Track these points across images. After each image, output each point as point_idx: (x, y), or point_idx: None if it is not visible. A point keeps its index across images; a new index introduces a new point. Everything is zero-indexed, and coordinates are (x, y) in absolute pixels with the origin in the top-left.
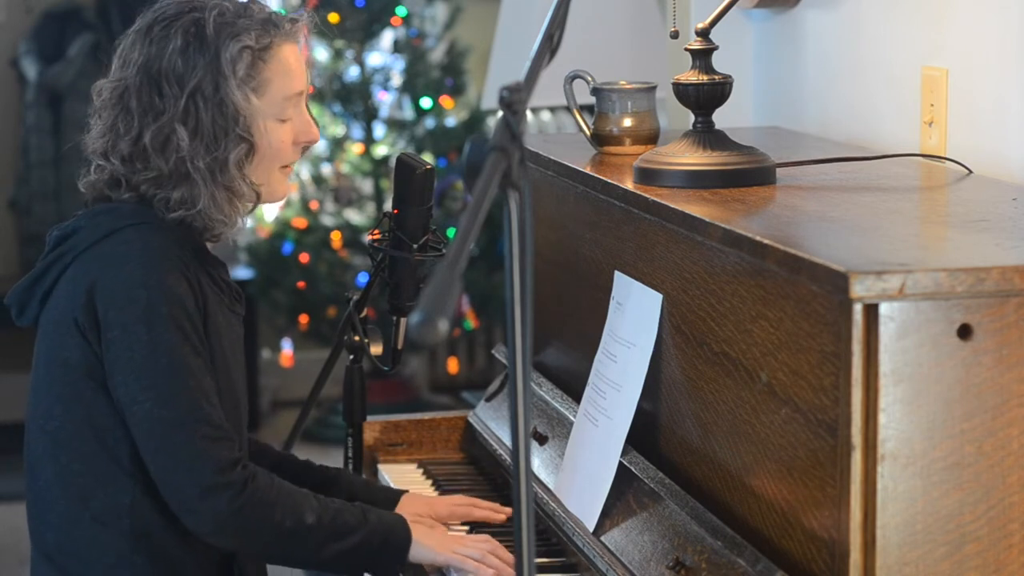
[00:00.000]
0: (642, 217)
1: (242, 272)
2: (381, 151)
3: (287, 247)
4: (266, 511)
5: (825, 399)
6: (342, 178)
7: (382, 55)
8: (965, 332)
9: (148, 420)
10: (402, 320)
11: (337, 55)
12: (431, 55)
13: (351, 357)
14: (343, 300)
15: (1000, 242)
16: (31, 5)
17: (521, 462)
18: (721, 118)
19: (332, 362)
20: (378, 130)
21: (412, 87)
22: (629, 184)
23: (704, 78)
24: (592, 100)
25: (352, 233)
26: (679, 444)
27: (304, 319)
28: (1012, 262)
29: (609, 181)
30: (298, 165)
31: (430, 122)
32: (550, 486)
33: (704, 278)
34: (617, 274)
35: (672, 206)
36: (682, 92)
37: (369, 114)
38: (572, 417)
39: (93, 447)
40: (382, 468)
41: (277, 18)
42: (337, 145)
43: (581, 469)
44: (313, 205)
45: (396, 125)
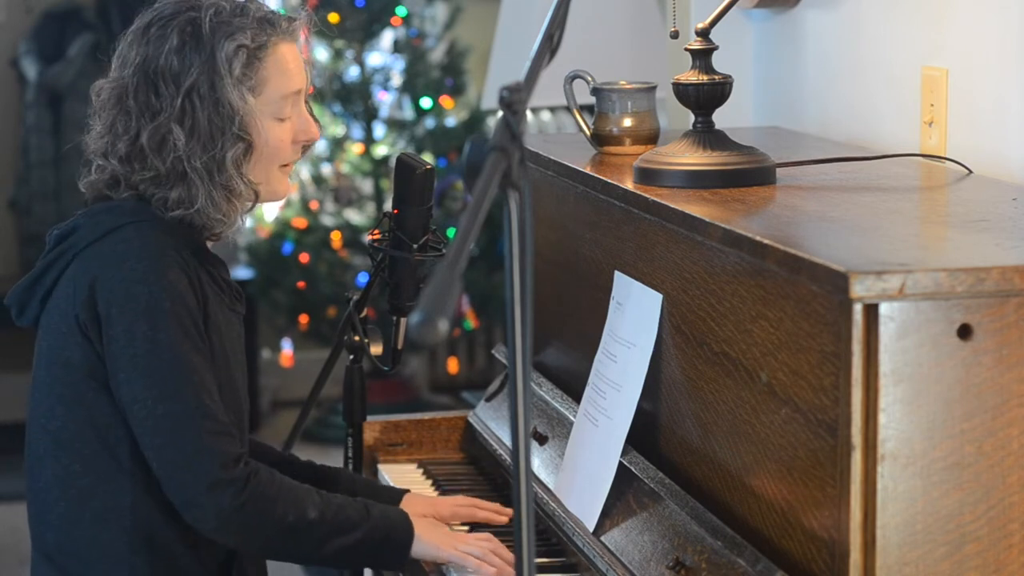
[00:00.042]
0: (642, 217)
1: (242, 272)
2: (381, 151)
3: (287, 247)
4: (268, 507)
5: (825, 399)
6: (342, 178)
7: (382, 55)
8: (965, 332)
9: (151, 417)
10: (402, 320)
11: (337, 55)
12: (431, 55)
13: (351, 357)
14: (343, 300)
15: (1000, 242)
16: (31, 5)
17: (521, 462)
18: (721, 118)
19: (332, 362)
20: (378, 130)
21: (412, 87)
22: (629, 184)
23: (704, 78)
24: (592, 100)
25: (352, 233)
26: (679, 444)
27: (304, 319)
28: (1012, 262)
29: (609, 181)
30: (298, 165)
31: (430, 122)
32: (550, 486)
33: (704, 278)
34: (617, 274)
35: (672, 206)
36: (682, 92)
37: (369, 114)
38: (572, 417)
39: (94, 447)
40: (382, 468)
41: (274, 17)
42: (337, 145)
43: (581, 469)
44: (313, 205)
45: (396, 125)
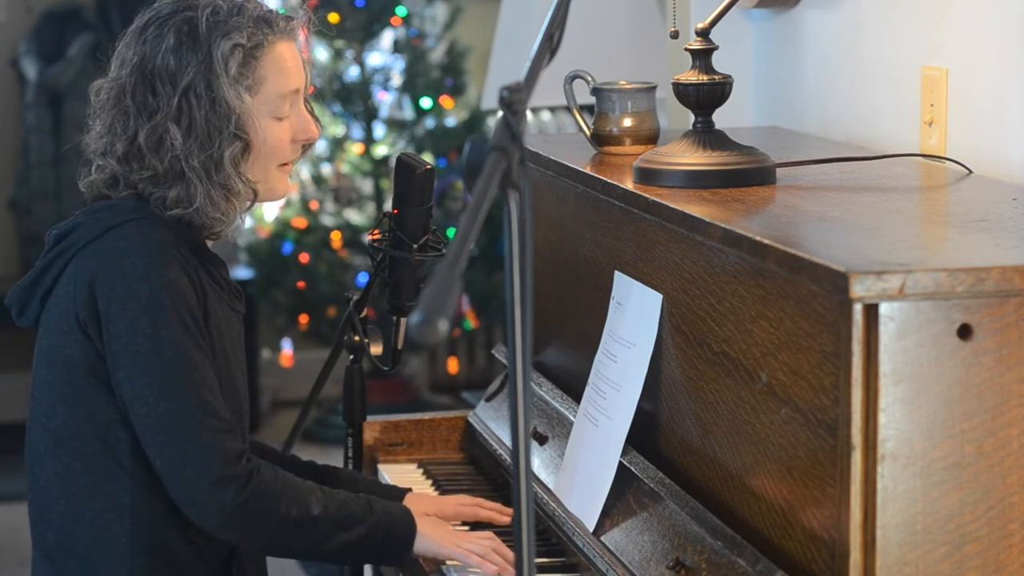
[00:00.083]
0: (642, 217)
1: (242, 272)
2: (381, 151)
3: (287, 247)
4: (271, 503)
5: (825, 399)
6: (342, 178)
7: (382, 55)
8: (965, 332)
9: (153, 414)
10: (402, 320)
11: (337, 55)
12: (431, 55)
13: (351, 357)
14: (343, 300)
15: (1000, 242)
16: (31, 5)
17: (521, 462)
18: (721, 118)
19: (332, 362)
20: (378, 130)
21: (412, 87)
22: (629, 184)
23: (704, 78)
24: (592, 100)
25: (352, 233)
26: (679, 444)
27: (304, 319)
28: (1012, 262)
29: (609, 181)
30: (298, 165)
31: (430, 122)
32: (550, 486)
33: (704, 278)
34: (617, 274)
35: (672, 206)
36: (682, 92)
37: (369, 114)
38: (572, 417)
39: (94, 446)
40: (382, 468)
41: (272, 16)
42: (337, 145)
43: (581, 469)
44: (313, 205)
45: (396, 125)
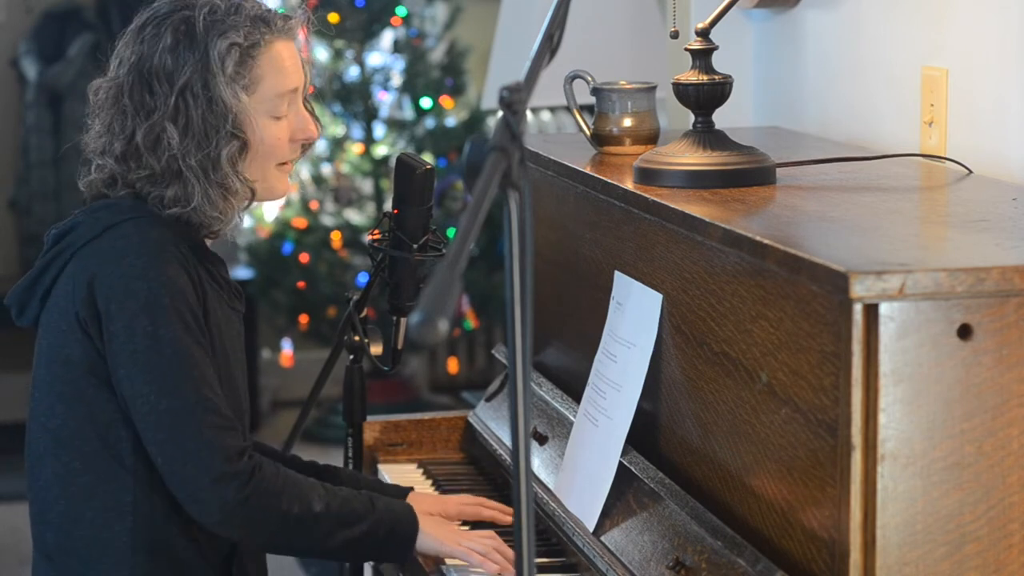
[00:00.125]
0: (642, 217)
1: (242, 272)
2: (381, 151)
3: (287, 247)
4: (273, 500)
5: (825, 399)
6: (342, 178)
7: (382, 55)
8: (965, 332)
9: (154, 412)
10: (402, 320)
11: (337, 55)
12: (431, 55)
13: (351, 357)
14: (343, 300)
15: (1000, 242)
16: (31, 5)
17: (521, 462)
18: (721, 118)
19: (332, 362)
20: (378, 130)
21: (412, 87)
22: (629, 184)
23: (704, 78)
24: (592, 100)
25: (352, 233)
26: (679, 444)
27: (304, 319)
28: (1012, 262)
29: (609, 181)
30: (298, 165)
31: (430, 122)
32: (550, 486)
33: (704, 278)
34: (617, 274)
35: (672, 206)
36: (682, 92)
37: (369, 114)
38: (572, 417)
39: (95, 445)
40: (382, 468)
41: (269, 15)
42: (337, 145)
43: (581, 469)
44: (313, 205)
45: (396, 125)
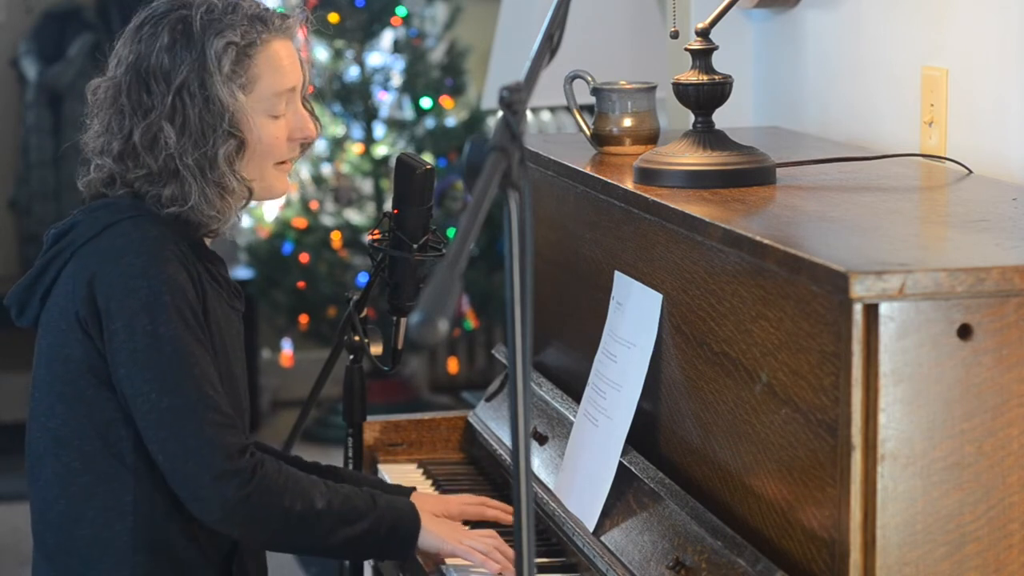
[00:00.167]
0: (642, 217)
1: (242, 272)
2: (381, 151)
3: (287, 247)
4: (274, 497)
5: (825, 399)
6: (342, 178)
7: (382, 55)
8: (965, 332)
9: (155, 411)
10: (402, 320)
11: (337, 55)
12: (431, 55)
13: (351, 357)
14: (343, 300)
15: (1000, 242)
16: (31, 5)
17: (521, 462)
18: (721, 118)
19: (332, 362)
20: (378, 130)
21: (412, 87)
22: (629, 184)
23: (704, 78)
24: (592, 100)
25: (352, 233)
26: (679, 444)
27: (304, 319)
28: (1012, 262)
29: (609, 181)
30: (298, 165)
31: (430, 122)
32: (550, 486)
33: (704, 278)
34: (617, 274)
35: (672, 206)
36: (682, 92)
37: (369, 114)
38: (572, 417)
39: (95, 445)
40: (382, 468)
41: (266, 14)
42: (337, 145)
43: (581, 469)
44: (313, 205)
45: (396, 125)
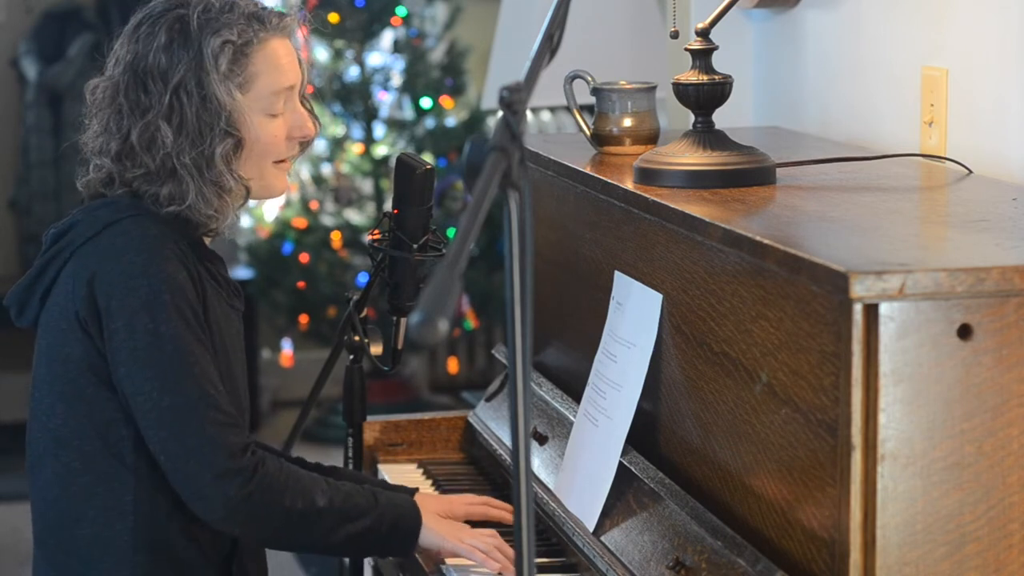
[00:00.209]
0: (642, 217)
1: (242, 272)
2: (381, 151)
3: (287, 247)
4: (276, 496)
5: (825, 399)
6: (342, 178)
7: (382, 55)
8: (965, 332)
9: (156, 409)
10: (402, 320)
11: (337, 55)
12: (431, 55)
13: (351, 357)
14: (343, 300)
15: (1000, 242)
16: (31, 5)
17: (521, 462)
18: (721, 118)
19: (332, 362)
20: (378, 130)
21: (412, 87)
22: (629, 184)
23: (704, 78)
24: (592, 100)
25: (352, 233)
26: (679, 444)
27: (304, 319)
28: (1012, 262)
29: (609, 181)
30: (298, 165)
31: (430, 122)
32: (550, 486)
33: (704, 278)
34: (617, 274)
35: (672, 206)
36: (682, 92)
37: (369, 114)
38: (572, 417)
39: (95, 445)
40: (382, 468)
41: (264, 13)
42: (337, 145)
43: (581, 469)
44: (313, 205)
45: (396, 125)
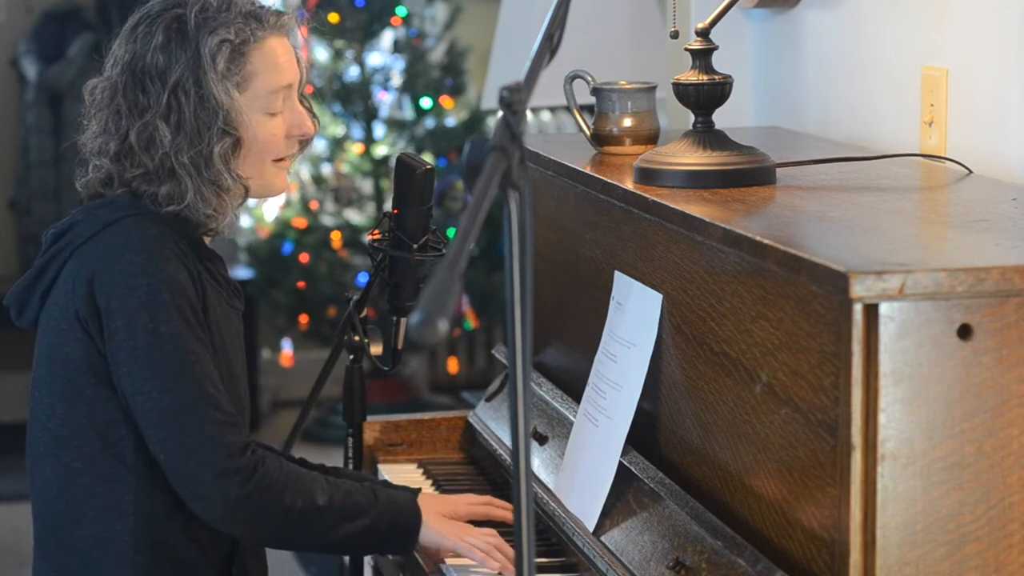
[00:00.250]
0: (642, 217)
1: (242, 272)
2: (381, 151)
3: (287, 247)
4: (275, 495)
5: (825, 399)
6: (342, 178)
7: (382, 55)
8: (965, 332)
9: (156, 409)
10: (402, 320)
11: (337, 55)
12: (431, 55)
13: (351, 357)
14: (343, 300)
15: (1000, 242)
16: (31, 5)
17: (521, 462)
18: (721, 118)
19: (332, 362)
20: (378, 130)
21: (412, 87)
22: (629, 184)
23: (704, 78)
24: (592, 100)
25: (352, 233)
26: (679, 444)
27: (304, 319)
28: (1012, 262)
29: (609, 181)
30: (298, 165)
31: (430, 122)
32: (550, 486)
33: (704, 278)
34: (617, 274)
35: (672, 206)
36: (682, 92)
37: (369, 114)
38: (572, 417)
39: (95, 445)
40: (382, 468)
41: (261, 12)
42: (337, 145)
43: (581, 469)
44: (313, 205)
45: (396, 125)
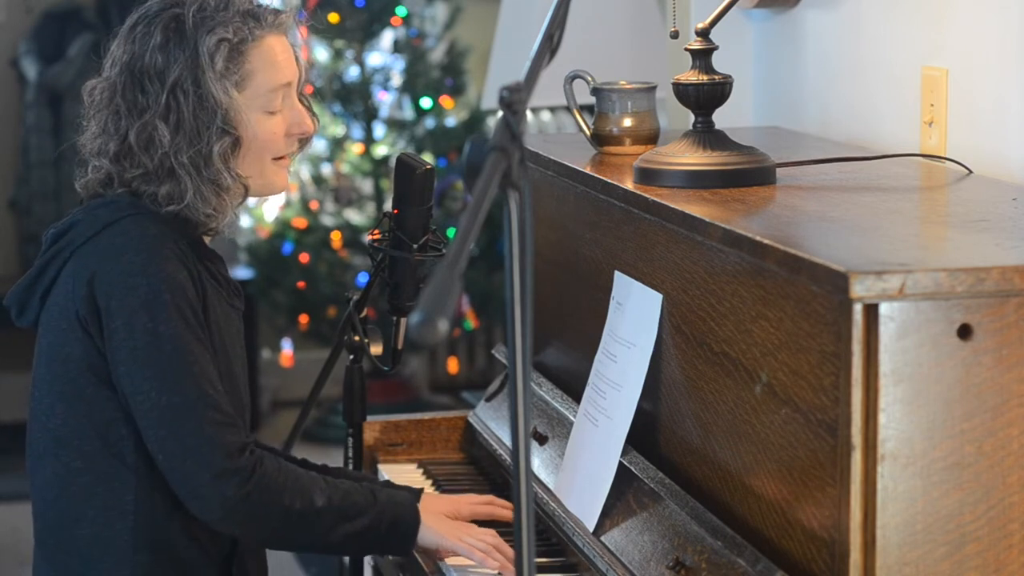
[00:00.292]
0: (642, 217)
1: (242, 272)
2: (381, 151)
3: (287, 247)
4: (274, 496)
5: (825, 399)
6: (342, 178)
7: (382, 55)
8: (965, 332)
9: (155, 409)
10: (402, 320)
11: (337, 55)
12: (431, 55)
13: (351, 357)
14: (343, 300)
15: (1000, 242)
16: (31, 5)
17: (521, 462)
18: (721, 118)
19: (332, 362)
20: (378, 130)
21: (412, 87)
22: (629, 184)
23: (704, 78)
24: (592, 100)
25: (352, 233)
26: (679, 444)
27: (304, 319)
28: (1012, 262)
29: (609, 181)
30: (298, 165)
31: (430, 122)
32: (550, 486)
33: (704, 278)
34: (617, 274)
35: (672, 206)
36: (682, 92)
37: (369, 114)
38: (572, 417)
39: (95, 444)
40: (382, 468)
41: (259, 11)
42: (337, 145)
43: (581, 469)
44: (313, 205)
45: (396, 125)
